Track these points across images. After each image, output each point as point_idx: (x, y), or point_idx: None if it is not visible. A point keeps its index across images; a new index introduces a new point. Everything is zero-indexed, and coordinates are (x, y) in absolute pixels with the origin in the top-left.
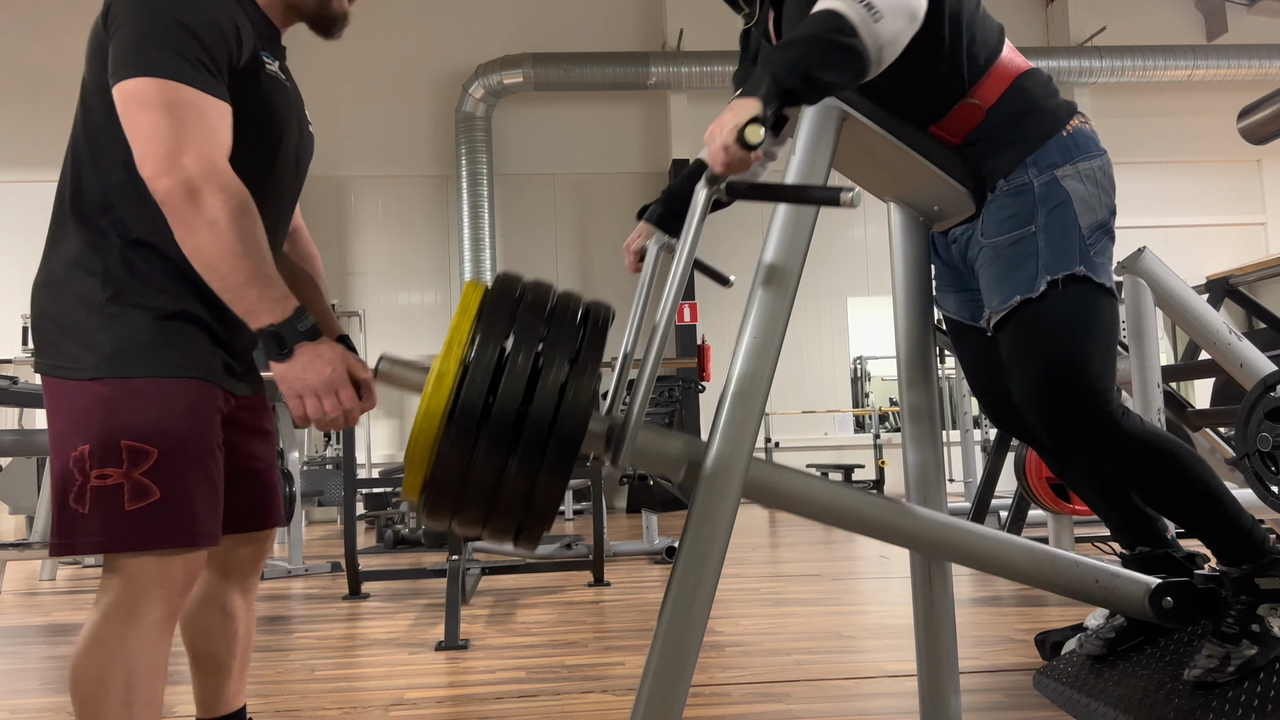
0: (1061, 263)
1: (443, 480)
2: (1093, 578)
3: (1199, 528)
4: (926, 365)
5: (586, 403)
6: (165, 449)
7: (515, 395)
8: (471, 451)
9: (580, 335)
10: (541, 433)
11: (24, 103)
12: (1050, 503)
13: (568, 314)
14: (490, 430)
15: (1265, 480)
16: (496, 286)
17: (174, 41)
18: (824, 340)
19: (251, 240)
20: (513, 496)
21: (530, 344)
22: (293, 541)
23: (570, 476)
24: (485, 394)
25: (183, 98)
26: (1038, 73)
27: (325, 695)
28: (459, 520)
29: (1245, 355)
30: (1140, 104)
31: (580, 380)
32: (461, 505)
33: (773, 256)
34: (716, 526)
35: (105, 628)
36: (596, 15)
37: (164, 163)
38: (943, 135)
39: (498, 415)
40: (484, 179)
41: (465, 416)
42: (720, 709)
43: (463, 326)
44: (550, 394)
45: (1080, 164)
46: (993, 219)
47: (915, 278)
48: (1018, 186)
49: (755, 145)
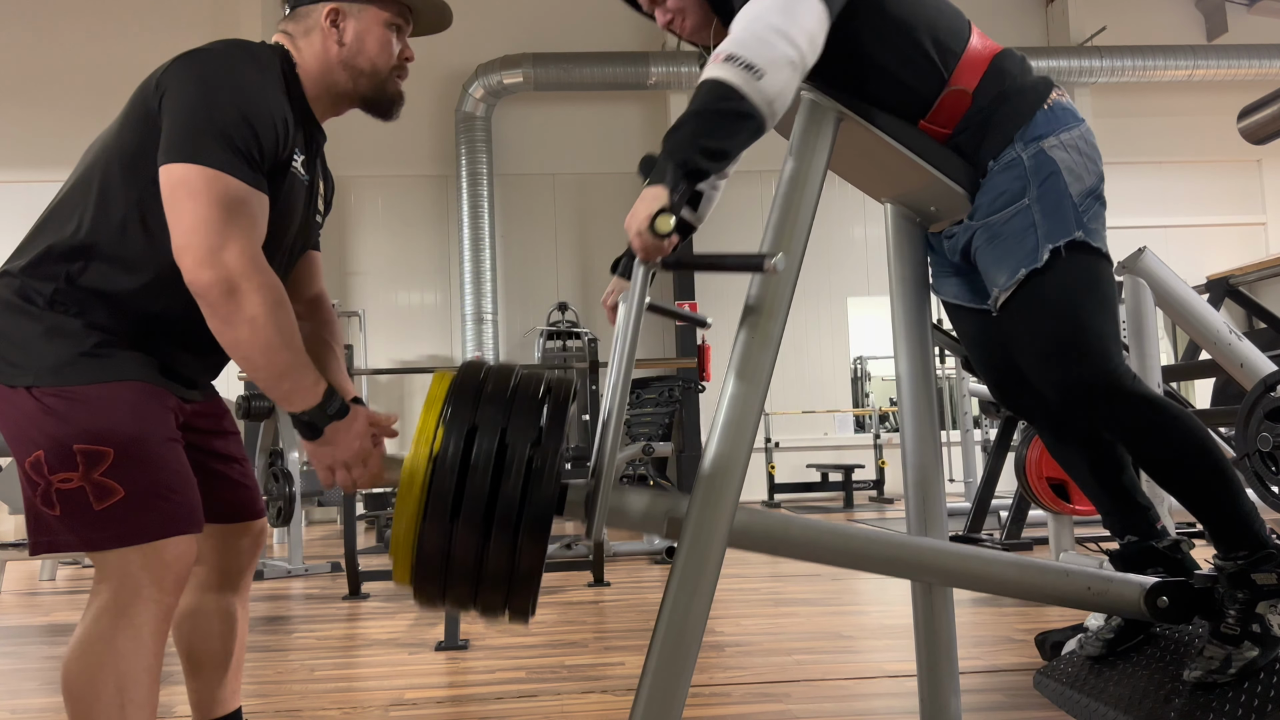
0: (1060, 230)
1: (427, 567)
2: (1085, 585)
3: (1199, 503)
4: (926, 365)
5: (552, 479)
6: (121, 448)
7: (483, 481)
8: (450, 538)
9: (541, 414)
10: (513, 513)
11: (24, 103)
12: (1050, 503)
13: (529, 395)
14: (465, 517)
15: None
16: (458, 377)
17: (230, 132)
18: (824, 340)
19: (287, 333)
20: (496, 571)
21: (493, 430)
22: (293, 541)
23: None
24: (455, 483)
25: (231, 191)
26: (1011, 52)
27: (325, 695)
28: (449, 601)
29: (1245, 355)
30: (1140, 104)
31: (545, 458)
32: (449, 587)
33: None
34: (716, 526)
35: (96, 629)
36: (596, 15)
37: (206, 257)
38: (935, 129)
39: (469, 501)
40: (484, 179)
41: (438, 506)
42: (720, 709)
43: (428, 422)
44: (517, 475)
45: (1063, 134)
46: (985, 199)
47: (913, 278)
48: (1007, 163)
49: (666, 234)
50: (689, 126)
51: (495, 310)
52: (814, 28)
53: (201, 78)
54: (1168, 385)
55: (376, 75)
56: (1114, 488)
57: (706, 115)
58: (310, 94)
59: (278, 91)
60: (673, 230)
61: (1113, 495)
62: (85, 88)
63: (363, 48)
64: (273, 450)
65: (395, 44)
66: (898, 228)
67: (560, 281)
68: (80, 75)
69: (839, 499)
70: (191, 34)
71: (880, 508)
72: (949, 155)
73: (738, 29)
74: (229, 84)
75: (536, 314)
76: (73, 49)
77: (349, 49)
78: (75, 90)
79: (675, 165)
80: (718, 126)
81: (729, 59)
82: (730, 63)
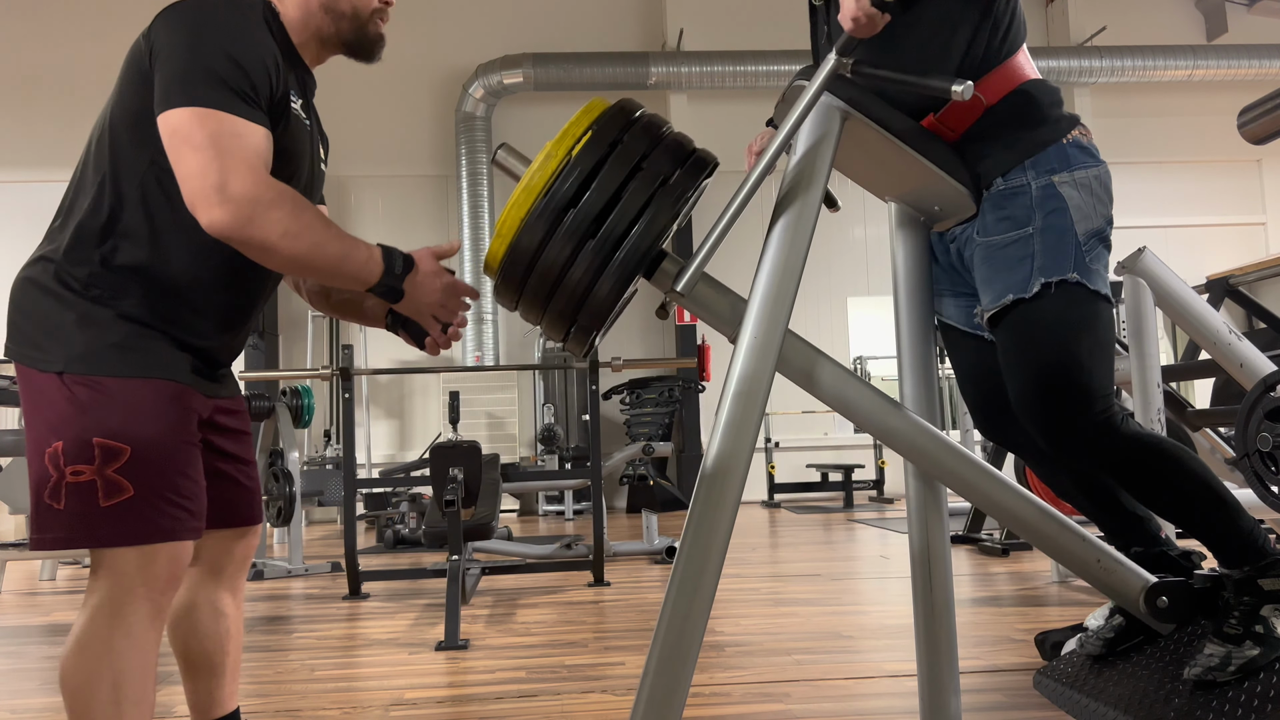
0: (1056, 267)
1: (521, 250)
2: (1095, 556)
3: (1199, 530)
4: (926, 365)
5: (663, 224)
6: (138, 447)
7: (603, 195)
8: (552, 230)
9: (679, 167)
10: (615, 236)
11: (24, 103)
12: (1050, 503)
13: (674, 145)
14: (574, 218)
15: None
16: (618, 104)
17: (220, 73)
18: (824, 340)
19: (321, 227)
20: (574, 287)
21: (630, 157)
22: (293, 541)
23: (626, 291)
24: (579, 186)
25: (225, 127)
26: (1045, 83)
27: (325, 695)
28: (524, 300)
29: (1245, 355)
30: (1140, 104)
31: (663, 202)
32: (530, 281)
33: (774, 256)
34: (716, 526)
35: (91, 628)
36: (596, 15)
37: (214, 195)
38: (941, 129)
39: (583, 208)
40: (484, 179)
41: (556, 199)
42: (720, 709)
43: (581, 122)
44: (633, 205)
45: (1077, 172)
46: (989, 218)
47: (915, 277)
48: (1015, 188)
49: (889, 3)
50: None
51: (495, 310)
52: None
53: (186, 25)
54: (1168, 385)
55: (358, 18)
56: (1111, 507)
57: None
58: (295, 41)
59: (265, 33)
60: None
61: (1112, 514)
62: (85, 88)
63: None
64: (273, 450)
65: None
66: (902, 226)
67: None
68: (80, 75)
69: (839, 499)
70: None
71: (880, 508)
72: (955, 156)
73: None
74: (215, 26)
75: None
76: (73, 49)
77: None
78: (75, 90)
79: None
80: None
81: None
82: None
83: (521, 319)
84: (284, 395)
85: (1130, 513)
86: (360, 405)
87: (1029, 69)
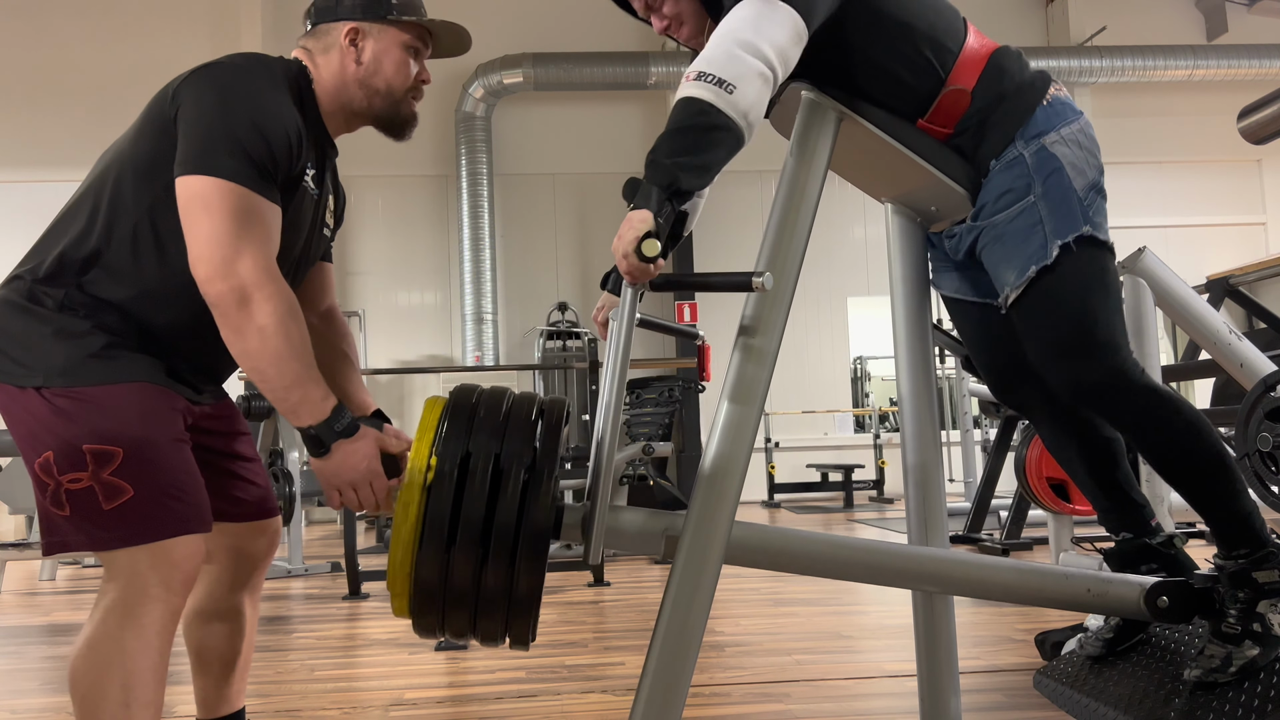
0: (1067, 226)
1: (425, 595)
2: (1084, 587)
3: (1201, 496)
4: (926, 365)
5: (549, 500)
6: (130, 448)
7: (478, 507)
8: (446, 565)
9: (535, 438)
10: (509, 539)
11: (24, 103)
12: (1050, 503)
13: (522, 418)
14: (461, 542)
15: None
16: (450, 402)
17: (245, 144)
18: (824, 340)
19: (297, 344)
20: (493, 597)
21: (487, 455)
22: (293, 541)
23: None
24: (451, 509)
25: (244, 203)
26: (1008, 49)
27: (325, 695)
28: (449, 630)
29: (1245, 355)
30: (1140, 104)
31: (540, 483)
32: (447, 615)
33: (771, 256)
34: (716, 527)
35: (103, 629)
36: (596, 15)
37: (220, 267)
38: (934, 129)
39: (465, 526)
40: (484, 179)
41: (434, 535)
42: (720, 709)
43: (421, 451)
44: (512, 498)
45: (1063, 129)
46: (989, 198)
47: (913, 278)
48: (1009, 161)
49: (652, 258)
50: (666, 145)
51: (495, 310)
52: (784, 41)
53: (217, 89)
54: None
55: (391, 96)
56: (1109, 484)
57: (683, 132)
58: (325, 110)
59: (291, 105)
60: (659, 254)
61: (1108, 492)
62: (85, 88)
63: (380, 68)
64: (273, 450)
65: (412, 66)
66: (898, 227)
67: (560, 281)
68: (80, 75)
69: (839, 499)
70: (191, 34)
71: (880, 508)
72: (949, 155)
73: (708, 48)
74: (244, 96)
75: (536, 314)
76: (73, 49)
77: (366, 68)
78: (75, 90)
79: (659, 188)
80: (695, 142)
81: (699, 76)
82: (701, 80)
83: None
84: None
85: (1127, 496)
86: None
87: (987, 41)
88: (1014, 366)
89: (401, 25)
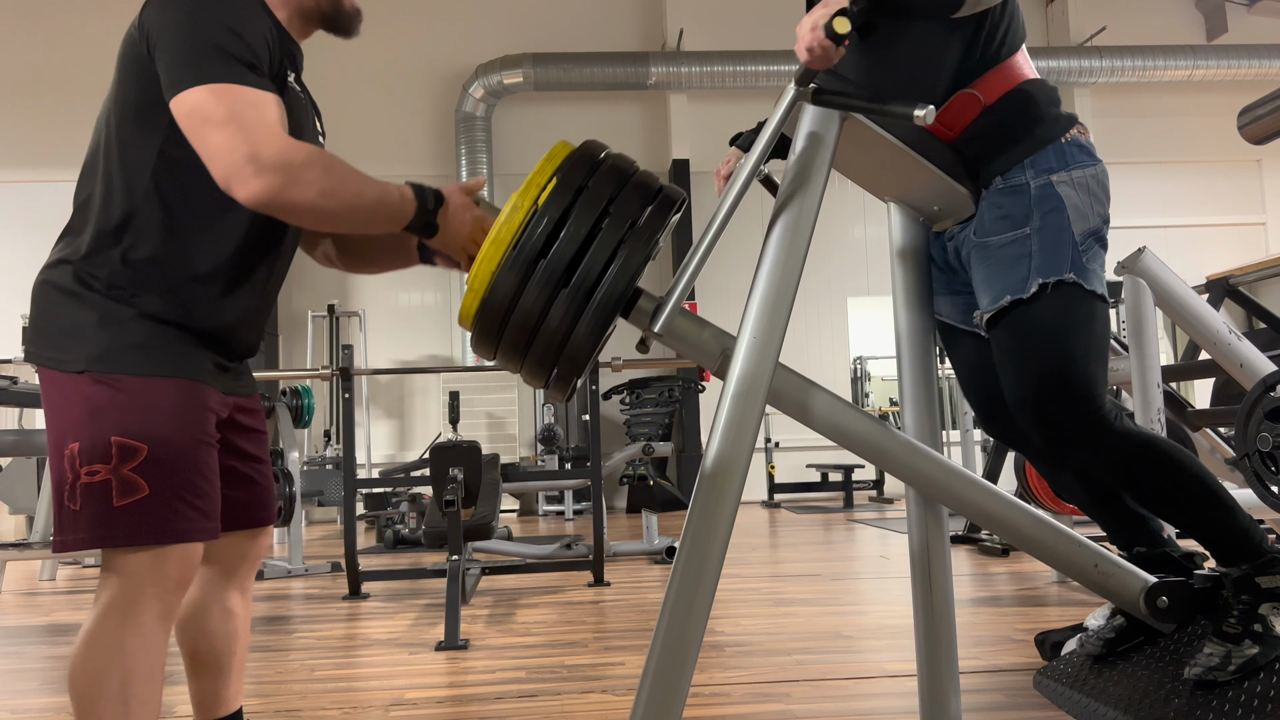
0: (1053, 267)
1: (495, 302)
2: (1092, 561)
3: (1195, 529)
4: (927, 365)
5: (636, 266)
6: (155, 446)
7: (574, 243)
8: (525, 281)
9: (648, 207)
10: (589, 282)
11: (24, 103)
12: (1050, 503)
13: (640, 185)
14: (546, 266)
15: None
16: (581, 147)
17: (226, 46)
18: (824, 340)
19: (353, 176)
20: (552, 335)
21: (598, 201)
22: (293, 541)
23: (604, 335)
24: (549, 235)
25: (244, 98)
26: (1044, 83)
27: (325, 695)
28: (502, 350)
29: (1245, 355)
30: (1140, 104)
31: (635, 244)
32: (507, 332)
33: (773, 256)
34: (716, 526)
35: (102, 627)
36: (596, 15)
37: (247, 168)
38: (939, 128)
39: (555, 256)
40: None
41: (526, 249)
42: (720, 709)
43: (545, 170)
44: (604, 249)
45: (1075, 171)
46: (987, 217)
47: (915, 277)
48: (1013, 186)
49: (843, 36)
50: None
51: None
52: None
53: (181, 5)
54: (1168, 385)
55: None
56: (1112, 507)
57: None
58: (279, 17)
59: (260, 9)
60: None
61: (1112, 514)
62: (85, 88)
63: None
64: (273, 450)
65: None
66: (901, 226)
67: None
68: (80, 75)
69: (839, 499)
70: None
71: (880, 508)
72: (954, 156)
73: None
74: (208, 4)
75: None
76: (73, 49)
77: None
78: (75, 90)
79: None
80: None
81: None
82: None
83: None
84: (284, 395)
85: (1132, 512)
86: (360, 405)
87: (1027, 69)
88: (1003, 401)
89: None
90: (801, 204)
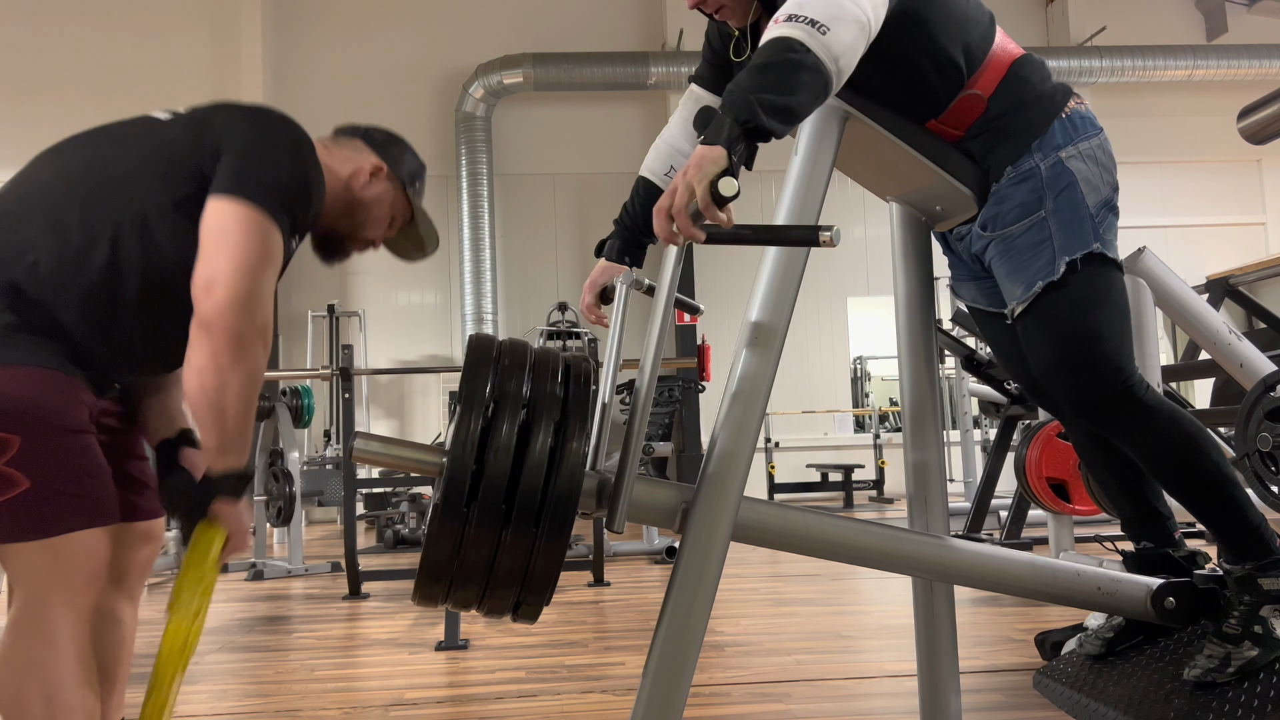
0: (1077, 243)
1: (435, 563)
2: (1095, 585)
3: (1207, 513)
4: (927, 365)
5: (577, 467)
6: (27, 436)
7: (503, 468)
8: (463, 530)
9: (563, 396)
10: (534, 503)
11: (24, 103)
12: (1050, 503)
13: (548, 374)
14: (480, 505)
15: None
16: (470, 353)
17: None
18: (824, 340)
19: (255, 397)
20: (509, 570)
21: (514, 411)
22: (293, 541)
23: (568, 542)
24: (471, 469)
25: (275, 245)
26: (1031, 58)
27: (325, 695)
28: (454, 600)
29: (1245, 355)
30: (1140, 104)
31: (569, 445)
32: (456, 585)
33: (775, 256)
34: (716, 527)
35: (13, 645)
36: (596, 15)
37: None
38: (944, 130)
39: (486, 489)
40: (484, 179)
41: (453, 494)
42: (720, 709)
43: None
44: (539, 462)
45: (1081, 144)
46: (1000, 209)
47: (916, 277)
48: (1024, 172)
49: (730, 198)
50: (748, 80)
51: (495, 310)
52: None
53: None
54: (1168, 385)
55: (355, 230)
56: (1135, 493)
57: (767, 68)
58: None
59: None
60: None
61: (1133, 502)
62: (85, 88)
63: (370, 207)
64: (273, 450)
65: (384, 228)
66: (903, 227)
67: (560, 281)
68: (80, 75)
69: (839, 499)
70: (191, 34)
71: (880, 508)
72: (956, 155)
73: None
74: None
75: (536, 314)
76: (72, 49)
77: (364, 197)
78: (75, 90)
79: (734, 120)
80: (780, 80)
81: (790, 18)
82: (792, 21)
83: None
84: (284, 395)
85: (1152, 507)
86: (360, 405)
87: (1011, 46)
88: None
89: (409, 200)
90: (804, 204)
